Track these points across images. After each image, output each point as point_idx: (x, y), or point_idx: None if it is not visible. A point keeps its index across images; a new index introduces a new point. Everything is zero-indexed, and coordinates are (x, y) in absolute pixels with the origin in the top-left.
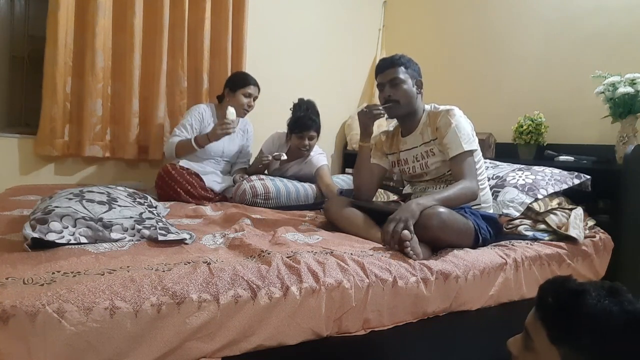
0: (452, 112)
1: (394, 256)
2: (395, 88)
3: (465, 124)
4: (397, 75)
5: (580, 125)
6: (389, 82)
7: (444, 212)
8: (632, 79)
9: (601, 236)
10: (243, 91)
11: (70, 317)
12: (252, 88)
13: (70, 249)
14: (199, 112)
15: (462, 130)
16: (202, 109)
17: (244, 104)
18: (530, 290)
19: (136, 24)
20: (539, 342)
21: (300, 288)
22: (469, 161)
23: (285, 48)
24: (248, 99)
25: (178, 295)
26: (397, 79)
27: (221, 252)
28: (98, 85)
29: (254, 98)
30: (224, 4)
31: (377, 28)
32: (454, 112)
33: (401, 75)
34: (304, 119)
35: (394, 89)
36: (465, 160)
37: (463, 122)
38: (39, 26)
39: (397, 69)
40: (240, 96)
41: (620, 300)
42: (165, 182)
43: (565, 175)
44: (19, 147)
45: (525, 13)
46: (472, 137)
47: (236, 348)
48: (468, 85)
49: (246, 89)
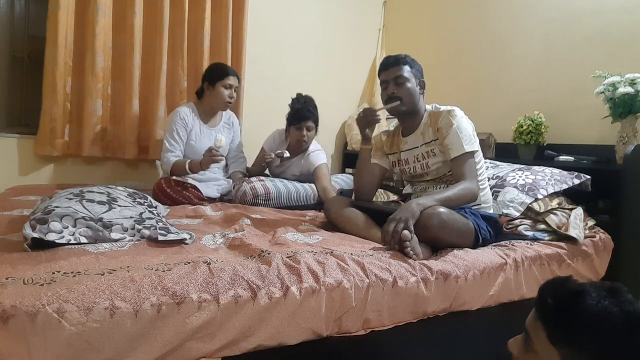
0: (453, 113)
1: (394, 256)
2: (399, 86)
3: (467, 125)
4: (402, 73)
5: (580, 125)
6: (394, 79)
7: (444, 212)
8: (632, 79)
9: (601, 236)
10: (222, 83)
11: (70, 317)
12: (232, 79)
13: (70, 249)
14: (180, 118)
15: (463, 131)
16: (182, 114)
17: (224, 96)
18: (530, 290)
19: (136, 24)
20: (539, 342)
21: (300, 288)
22: (470, 162)
23: (285, 48)
24: (229, 90)
25: (178, 295)
26: (402, 77)
27: (221, 252)
28: (98, 85)
29: (235, 89)
30: (224, 4)
31: (377, 28)
32: (455, 112)
33: (405, 74)
34: (302, 111)
35: (398, 86)
36: (466, 162)
37: (464, 123)
38: (39, 26)
39: (402, 67)
40: (220, 89)
41: (620, 301)
42: (159, 199)
43: (565, 175)
44: (19, 147)
45: (525, 13)
46: (474, 137)
47: (236, 348)
48: (468, 85)
49: (225, 80)
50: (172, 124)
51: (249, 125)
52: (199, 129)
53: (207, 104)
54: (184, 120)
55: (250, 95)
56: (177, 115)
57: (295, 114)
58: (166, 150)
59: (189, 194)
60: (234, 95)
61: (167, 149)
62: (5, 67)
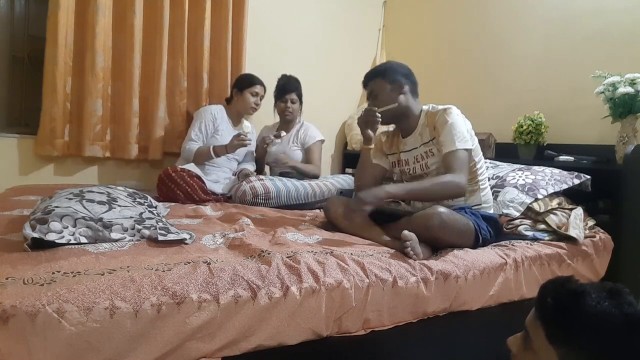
0: (449, 111)
1: (394, 256)
2: (374, 100)
3: (461, 123)
4: (372, 88)
5: (580, 125)
6: (368, 96)
7: (444, 212)
8: (632, 79)
9: (601, 236)
10: (250, 90)
11: (70, 317)
12: (259, 87)
13: (70, 249)
14: (210, 113)
15: (457, 129)
16: (214, 110)
17: (251, 102)
18: (530, 290)
19: (136, 24)
20: (538, 341)
21: (300, 288)
22: (460, 158)
23: (286, 48)
24: (255, 97)
25: (178, 295)
26: (373, 93)
27: (221, 252)
28: (98, 85)
29: (261, 97)
30: (224, 4)
31: (377, 28)
32: (451, 110)
33: (377, 87)
34: (285, 85)
35: (374, 101)
36: (455, 157)
37: (459, 121)
38: (39, 26)
39: (371, 82)
40: (247, 95)
41: (620, 302)
42: (165, 185)
43: (565, 175)
44: (19, 147)
45: (525, 13)
46: (468, 136)
47: (236, 348)
48: (468, 85)
49: (253, 88)
50: (201, 117)
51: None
52: (225, 126)
53: (234, 109)
54: (213, 116)
55: None
56: (207, 110)
57: (279, 89)
58: (189, 140)
59: (194, 183)
60: (259, 102)
61: (191, 138)
62: (5, 67)
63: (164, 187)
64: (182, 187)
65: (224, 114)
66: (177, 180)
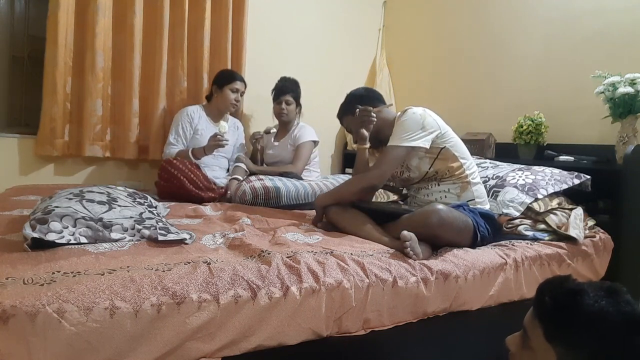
0: (406, 112)
1: (394, 256)
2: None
3: (410, 123)
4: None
5: (580, 125)
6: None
7: (443, 210)
8: (632, 79)
9: (601, 236)
10: (230, 87)
11: (70, 317)
12: (239, 84)
13: (70, 249)
14: (187, 115)
15: (402, 126)
16: (190, 111)
17: (231, 99)
18: (530, 290)
19: (136, 24)
20: (536, 340)
21: (300, 288)
22: (391, 154)
23: (285, 48)
24: (235, 94)
25: (178, 295)
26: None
27: (221, 252)
28: (98, 85)
29: (241, 93)
30: (224, 4)
31: (377, 28)
32: (407, 111)
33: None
34: (281, 87)
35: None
36: (383, 152)
37: (408, 120)
38: (39, 26)
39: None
40: (227, 92)
41: (618, 301)
42: (169, 172)
43: (565, 175)
44: (19, 147)
45: (525, 13)
46: (413, 136)
47: (236, 348)
48: (468, 85)
49: (233, 85)
50: (177, 120)
51: (248, 125)
52: (204, 125)
53: (214, 106)
54: (190, 117)
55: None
56: (183, 112)
57: (276, 91)
58: (169, 144)
59: (196, 170)
60: (239, 98)
61: (170, 142)
62: (5, 67)
63: (168, 174)
64: (186, 173)
65: (202, 113)
66: (180, 167)
